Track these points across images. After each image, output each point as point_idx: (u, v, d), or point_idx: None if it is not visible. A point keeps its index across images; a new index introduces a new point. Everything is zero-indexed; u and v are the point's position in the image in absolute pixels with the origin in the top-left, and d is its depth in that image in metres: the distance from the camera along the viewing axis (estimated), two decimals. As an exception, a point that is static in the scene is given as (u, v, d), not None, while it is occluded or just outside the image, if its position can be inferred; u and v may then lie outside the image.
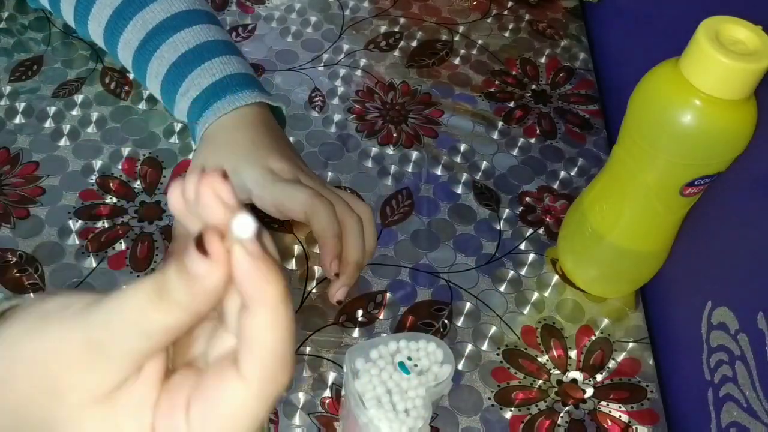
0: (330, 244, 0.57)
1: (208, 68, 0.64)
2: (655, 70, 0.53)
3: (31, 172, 0.68)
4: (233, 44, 0.68)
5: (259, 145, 0.61)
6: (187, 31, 0.65)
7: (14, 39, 0.78)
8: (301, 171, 0.60)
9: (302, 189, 0.57)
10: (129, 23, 0.67)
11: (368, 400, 0.48)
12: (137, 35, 0.66)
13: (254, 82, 0.65)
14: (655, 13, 0.73)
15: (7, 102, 0.73)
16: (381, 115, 0.76)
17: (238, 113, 0.61)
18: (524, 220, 0.69)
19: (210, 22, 0.67)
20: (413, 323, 0.62)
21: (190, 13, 0.67)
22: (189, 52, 0.64)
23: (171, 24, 0.66)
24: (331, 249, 0.57)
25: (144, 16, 0.66)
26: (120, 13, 0.67)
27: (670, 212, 0.57)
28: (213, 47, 0.65)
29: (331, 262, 0.57)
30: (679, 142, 0.51)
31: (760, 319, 0.49)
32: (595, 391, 0.59)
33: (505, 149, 0.74)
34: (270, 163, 0.59)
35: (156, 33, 0.66)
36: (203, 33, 0.66)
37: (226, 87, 0.63)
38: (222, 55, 0.65)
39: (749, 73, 0.47)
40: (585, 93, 0.80)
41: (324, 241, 0.57)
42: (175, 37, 0.65)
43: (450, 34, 0.85)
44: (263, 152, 0.60)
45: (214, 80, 0.63)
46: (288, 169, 0.59)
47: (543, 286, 0.65)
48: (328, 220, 0.56)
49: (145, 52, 0.66)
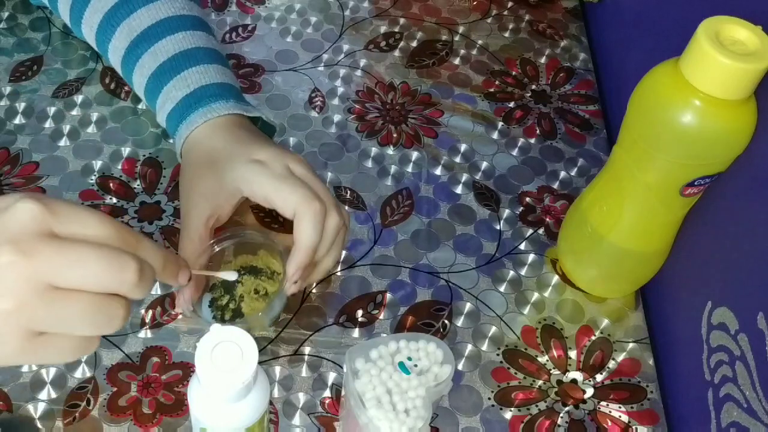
0: (303, 254, 0.55)
1: (184, 79, 0.63)
2: (655, 70, 0.53)
3: (31, 172, 0.68)
4: (216, 51, 0.67)
5: (239, 142, 0.59)
6: (169, 39, 0.64)
7: (14, 39, 0.78)
8: (288, 157, 0.58)
9: (294, 189, 0.55)
10: (117, 29, 0.66)
11: (368, 400, 0.48)
12: (123, 42, 0.66)
13: (231, 91, 0.64)
14: (655, 13, 0.73)
15: (7, 102, 0.73)
16: (381, 116, 0.76)
17: (211, 123, 0.60)
18: (524, 220, 0.69)
19: (195, 28, 0.66)
20: (413, 323, 0.62)
21: (175, 19, 0.66)
22: (167, 61, 0.64)
23: (154, 31, 0.65)
24: (301, 259, 0.55)
25: (130, 23, 0.65)
26: (109, 19, 0.67)
27: (670, 212, 0.57)
28: (192, 56, 0.64)
29: (295, 270, 0.55)
30: (679, 142, 0.51)
31: (760, 319, 0.49)
32: (595, 391, 0.59)
33: (505, 149, 0.74)
34: (255, 155, 0.57)
35: (140, 41, 0.65)
36: (185, 41, 0.65)
37: (200, 99, 0.61)
38: (200, 65, 0.63)
39: (749, 73, 0.47)
40: (585, 93, 0.80)
41: (299, 251, 0.55)
42: (157, 45, 0.64)
43: (450, 34, 0.85)
44: (244, 148, 0.58)
45: (188, 92, 0.62)
46: (275, 156, 0.57)
47: (543, 286, 0.65)
48: (311, 231, 0.55)
49: (130, 60, 0.66)
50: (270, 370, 0.58)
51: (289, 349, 0.59)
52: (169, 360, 0.58)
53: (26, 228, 0.37)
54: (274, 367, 0.58)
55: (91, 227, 0.39)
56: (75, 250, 0.37)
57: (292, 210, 0.55)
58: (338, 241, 0.58)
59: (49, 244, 0.37)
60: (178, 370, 0.58)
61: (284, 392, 0.57)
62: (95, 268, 0.37)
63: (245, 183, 0.57)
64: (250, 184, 0.56)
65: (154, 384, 0.57)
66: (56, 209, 0.38)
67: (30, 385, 0.56)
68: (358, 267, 0.65)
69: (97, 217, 0.39)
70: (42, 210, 0.37)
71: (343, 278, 0.64)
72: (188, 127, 0.61)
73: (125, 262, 0.38)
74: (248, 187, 0.57)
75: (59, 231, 0.38)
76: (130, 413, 0.55)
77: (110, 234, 0.39)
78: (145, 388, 0.56)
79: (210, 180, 0.58)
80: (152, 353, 0.58)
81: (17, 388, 0.56)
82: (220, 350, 0.43)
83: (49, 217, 0.37)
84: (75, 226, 0.38)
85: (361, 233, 0.67)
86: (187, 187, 0.59)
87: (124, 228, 0.40)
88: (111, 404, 0.55)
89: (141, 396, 0.56)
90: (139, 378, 0.57)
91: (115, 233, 0.39)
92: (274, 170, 0.56)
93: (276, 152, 0.58)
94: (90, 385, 0.56)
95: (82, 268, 0.37)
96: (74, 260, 0.37)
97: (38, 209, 0.37)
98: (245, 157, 0.57)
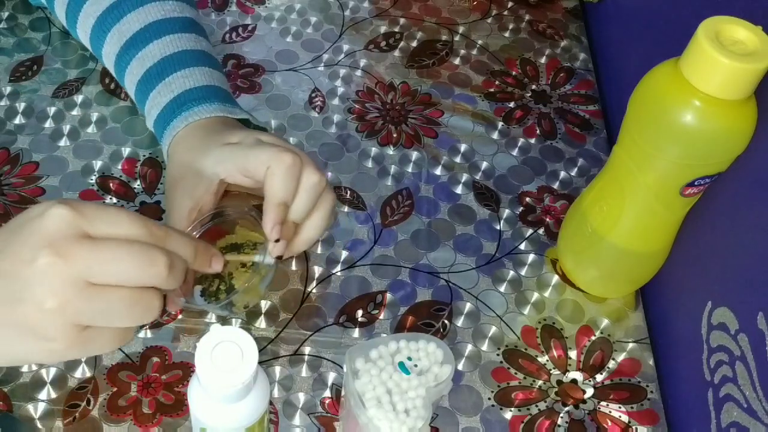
0: (274, 208, 0.53)
1: (168, 85, 0.62)
2: (655, 70, 0.53)
3: (31, 172, 0.68)
4: (203, 52, 0.66)
5: (214, 133, 0.59)
6: (156, 43, 0.64)
7: (14, 39, 0.78)
8: (259, 132, 0.58)
9: (264, 146, 0.55)
10: (108, 35, 0.66)
11: (368, 400, 0.48)
12: (114, 48, 0.66)
13: (217, 93, 0.63)
14: (655, 13, 0.73)
15: (7, 102, 0.73)
16: (381, 116, 0.76)
17: (192, 126, 0.60)
18: (524, 220, 0.69)
19: (183, 30, 0.66)
20: (413, 323, 0.62)
21: (163, 22, 0.65)
22: (153, 67, 0.64)
23: (143, 36, 0.65)
24: (274, 214, 0.53)
25: (120, 28, 0.65)
26: (100, 24, 0.67)
27: (670, 212, 0.57)
28: (178, 60, 0.64)
29: (272, 227, 0.53)
30: (679, 142, 0.51)
31: (760, 319, 0.49)
32: (595, 391, 0.59)
33: (505, 149, 0.74)
34: (227, 140, 0.57)
35: (129, 46, 0.65)
36: (172, 44, 0.64)
37: (183, 104, 0.61)
38: (185, 68, 0.63)
39: (749, 73, 0.47)
40: (585, 93, 0.80)
41: (269, 204, 0.53)
42: (144, 50, 0.64)
43: (450, 34, 0.85)
44: (218, 135, 0.58)
45: (172, 97, 0.62)
46: (247, 136, 0.57)
47: (543, 286, 0.65)
48: (281, 182, 0.53)
49: (120, 66, 0.66)
50: (270, 370, 0.58)
51: (289, 349, 0.59)
52: (169, 360, 0.58)
53: (60, 232, 0.40)
54: (274, 367, 0.58)
55: (121, 226, 0.41)
56: (107, 248, 0.40)
57: (266, 163, 0.53)
58: (321, 205, 0.56)
59: (83, 245, 0.40)
60: (178, 370, 0.58)
61: (284, 392, 0.57)
62: (127, 265, 0.40)
63: (220, 165, 0.56)
64: (224, 163, 0.56)
65: (154, 384, 0.57)
66: (86, 212, 0.41)
67: (30, 385, 0.56)
68: (358, 267, 0.65)
69: (126, 215, 0.42)
70: (73, 214, 0.40)
71: (343, 278, 0.64)
72: (170, 133, 0.60)
73: (155, 257, 0.41)
74: (223, 167, 0.56)
75: (91, 231, 0.41)
76: (130, 413, 0.55)
77: (139, 230, 0.42)
78: (145, 388, 0.56)
79: (189, 176, 0.57)
80: (152, 353, 0.58)
81: (17, 388, 0.56)
82: (220, 350, 0.43)
83: (81, 220, 0.40)
84: (105, 226, 0.41)
85: (361, 233, 0.67)
86: (170, 186, 0.59)
87: (153, 223, 0.43)
88: (111, 404, 0.55)
89: (141, 396, 0.56)
90: (139, 378, 0.57)
91: (144, 229, 0.42)
92: (246, 144, 0.56)
93: (247, 132, 0.58)
94: (90, 385, 0.56)
95: (115, 265, 0.40)
96: (107, 258, 0.40)
97: (69, 213, 0.40)
98: (218, 143, 0.57)
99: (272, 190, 0.53)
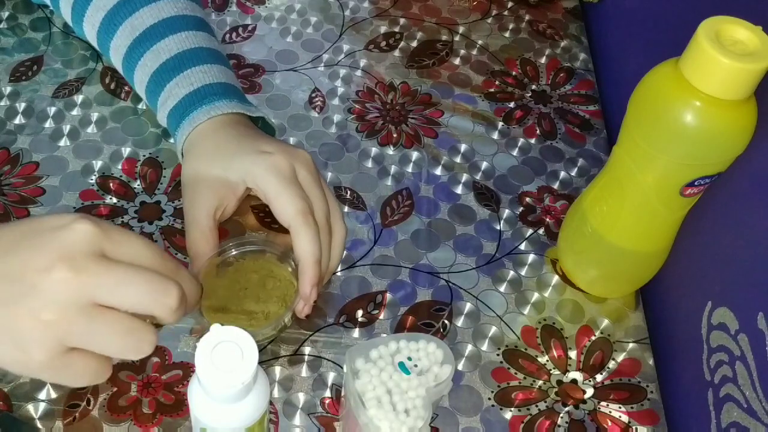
0: (312, 270, 0.55)
1: (187, 77, 0.63)
2: (655, 70, 0.53)
3: (31, 173, 0.68)
4: (218, 52, 0.67)
5: (246, 136, 0.60)
6: (172, 38, 0.64)
7: (14, 39, 0.78)
8: (295, 155, 0.58)
9: (293, 201, 0.56)
10: (119, 28, 0.66)
11: (368, 400, 0.48)
12: (125, 41, 0.66)
13: (234, 91, 0.64)
14: (655, 13, 0.73)
15: (7, 102, 0.73)
16: (381, 116, 0.76)
17: (215, 120, 0.61)
18: (524, 220, 0.69)
19: (197, 28, 0.66)
20: (413, 323, 0.62)
21: (178, 18, 0.66)
22: (170, 60, 0.64)
23: (157, 31, 0.65)
24: (312, 276, 0.55)
25: (133, 22, 0.66)
26: (111, 17, 0.67)
27: (670, 212, 0.57)
28: (195, 56, 0.64)
29: (311, 289, 0.56)
30: (679, 142, 0.51)
31: (760, 319, 0.49)
32: (595, 391, 0.59)
33: (505, 149, 0.74)
34: (262, 147, 0.58)
35: (142, 40, 0.65)
36: (188, 40, 0.65)
37: (204, 97, 0.62)
38: (203, 64, 0.64)
39: (749, 74, 0.47)
40: (585, 93, 0.80)
41: (305, 267, 0.55)
42: (159, 44, 0.64)
43: (450, 34, 0.85)
44: (252, 140, 0.59)
45: (191, 89, 0.62)
46: (282, 150, 0.58)
47: (543, 286, 0.65)
48: (310, 246, 0.55)
49: (131, 59, 0.66)
50: (270, 370, 0.58)
51: (289, 349, 0.59)
52: (169, 360, 0.58)
53: (81, 247, 0.39)
54: (274, 367, 0.58)
55: (139, 252, 0.41)
56: (124, 271, 0.40)
57: (287, 222, 0.56)
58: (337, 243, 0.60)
59: (100, 264, 0.39)
60: (178, 370, 0.58)
61: (284, 392, 0.57)
62: (141, 290, 0.40)
63: (250, 175, 0.57)
64: (255, 177, 0.57)
65: (154, 384, 0.57)
66: (110, 232, 0.41)
67: (30, 385, 0.56)
68: (358, 267, 0.65)
69: (144, 243, 0.42)
70: (97, 232, 0.40)
71: (343, 278, 0.64)
72: (191, 124, 0.61)
73: (169, 288, 0.41)
74: (252, 180, 0.58)
75: (110, 252, 0.40)
76: (130, 413, 0.55)
77: (156, 260, 0.42)
78: (145, 388, 0.56)
79: (216, 170, 0.59)
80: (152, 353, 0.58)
81: (17, 388, 0.56)
82: (220, 350, 0.43)
83: (103, 239, 0.40)
84: (124, 250, 0.41)
85: (361, 233, 0.67)
86: (192, 180, 0.60)
87: (167, 256, 0.43)
88: (111, 404, 0.55)
89: (141, 396, 0.56)
90: (139, 378, 0.57)
91: (159, 260, 0.42)
92: (281, 169, 0.57)
93: (283, 146, 0.59)
94: (90, 385, 0.56)
95: (128, 288, 0.40)
96: (122, 280, 0.40)
97: (94, 231, 0.40)
98: (253, 148, 0.58)
99: (301, 250, 0.55)
